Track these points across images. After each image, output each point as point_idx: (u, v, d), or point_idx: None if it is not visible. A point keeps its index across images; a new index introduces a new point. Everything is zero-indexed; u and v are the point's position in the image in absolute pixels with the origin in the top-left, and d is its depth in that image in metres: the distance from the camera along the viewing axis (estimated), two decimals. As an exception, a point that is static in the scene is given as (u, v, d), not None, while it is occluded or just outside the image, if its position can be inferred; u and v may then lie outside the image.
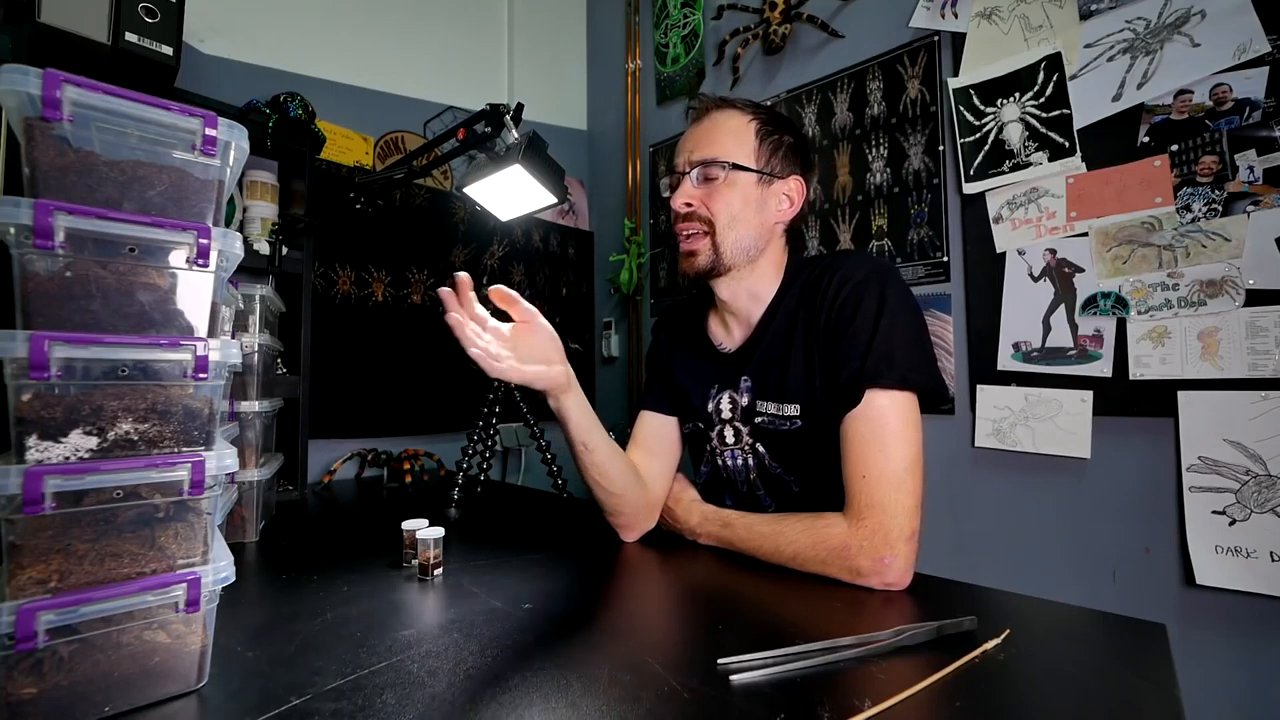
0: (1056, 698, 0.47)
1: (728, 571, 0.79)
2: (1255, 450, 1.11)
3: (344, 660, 0.53)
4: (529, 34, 2.36)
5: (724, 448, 0.93)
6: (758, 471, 0.89)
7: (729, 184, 0.85)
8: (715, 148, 0.86)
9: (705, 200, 0.86)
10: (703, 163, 0.86)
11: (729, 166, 0.85)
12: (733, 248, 0.86)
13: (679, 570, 0.81)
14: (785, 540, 0.76)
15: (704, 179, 0.86)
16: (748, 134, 0.87)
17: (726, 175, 0.85)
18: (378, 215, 1.78)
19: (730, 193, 0.85)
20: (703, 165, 0.86)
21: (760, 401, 0.87)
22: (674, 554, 0.87)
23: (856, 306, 0.78)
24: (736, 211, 0.86)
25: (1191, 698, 0.81)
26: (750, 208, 0.86)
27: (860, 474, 0.73)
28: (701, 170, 0.86)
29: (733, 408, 0.91)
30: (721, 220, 0.85)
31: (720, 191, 0.86)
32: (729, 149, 0.86)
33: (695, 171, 0.87)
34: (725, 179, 0.85)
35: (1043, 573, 1.35)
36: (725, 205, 0.85)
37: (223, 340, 0.51)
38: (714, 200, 0.86)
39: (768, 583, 0.74)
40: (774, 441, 0.86)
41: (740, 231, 0.86)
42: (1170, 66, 1.21)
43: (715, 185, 0.86)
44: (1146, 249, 1.24)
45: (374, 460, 1.69)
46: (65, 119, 0.45)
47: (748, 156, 0.86)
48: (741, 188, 0.86)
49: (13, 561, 0.42)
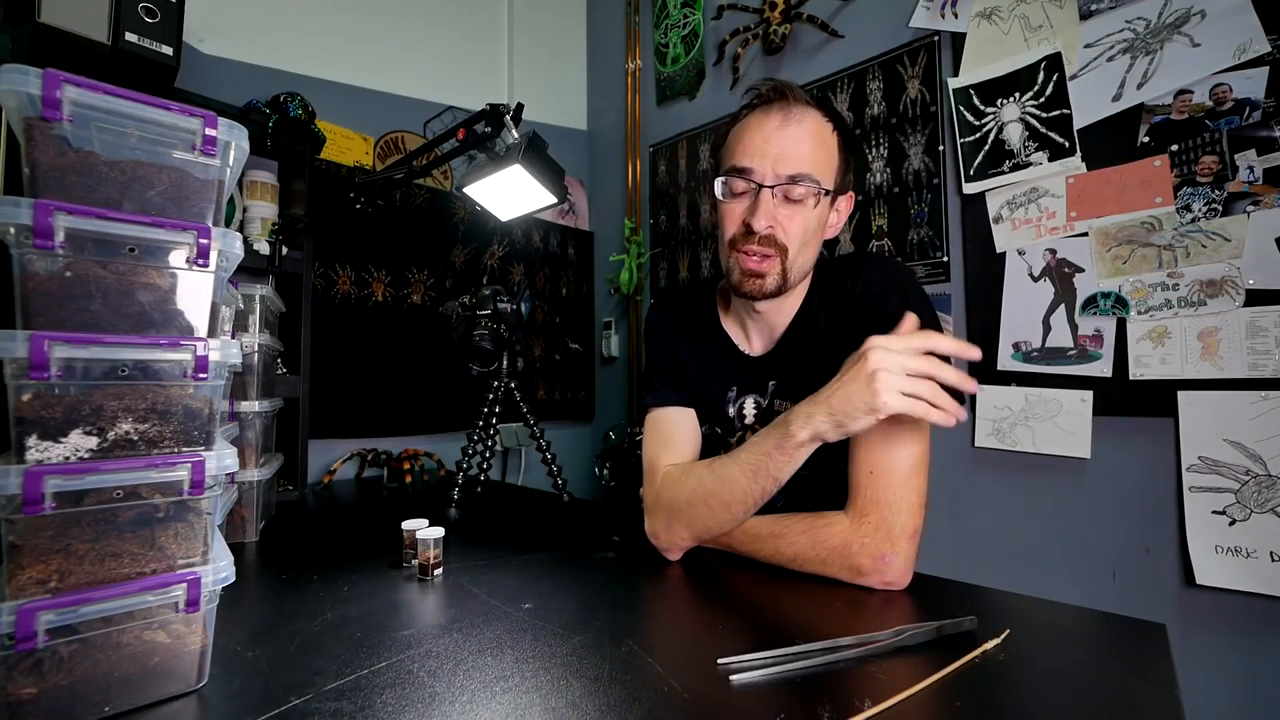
0: (1056, 698, 0.47)
1: (728, 571, 0.79)
2: (1255, 450, 1.11)
3: (344, 660, 0.53)
4: (529, 34, 2.36)
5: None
6: None
7: (811, 206, 0.77)
8: (809, 164, 0.76)
9: (785, 222, 0.77)
10: (794, 179, 0.75)
11: (822, 194, 0.77)
12: (799, 271, 0.80)
13: (679, 570, 0.81)
14: (785, 543, 0.76)
15: (789, 199, 0.77)
16: (833, 150, 0.79)
17: (818, 201, 0.77)
18: (378, 215, 1.78)
19: (810, 216, 0.78)
20: (794, 184, 0.76)
21: (779, 401, 0.86)
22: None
23: (880, 309, 0.78)
24: (811, 235, 0.79)
25: (1191, 698, 0.81)
26: (819, 229, 0.80)
27: (867, 470, 0.73)
28: (788, 189, 0.76)
29: (757, 411, 0.89)
30: (797, 245, 0.78)
31: (804, 214, 0.77)
32: (822, 168, 0.77)
33: (779, 188, 0.76)
34: (812, 201, 0.77)
35: (1043, 573, 1.35)
36: (803, 229, 0.78)
37: (223, 340, 0.50)
38: (794, 223, 0.77)
39: (768, 583, 0.74)
40: None
41: (808, 254, 0.81)
42: (1170, 66, 1.21)
43: (800, 205, 0.77)
44: (1146, 249, 1.24)
45: (374, 460, 1.69)
46: (65, 119, 0.45)
47: (832, 175, 0.78)
48: (819, 210, 0.78)
49: (13, 561, 0.42)
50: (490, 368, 1.31)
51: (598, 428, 2.43)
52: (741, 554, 0.81)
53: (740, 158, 0.78)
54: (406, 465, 1.59)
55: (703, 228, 2.11)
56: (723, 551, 0.84)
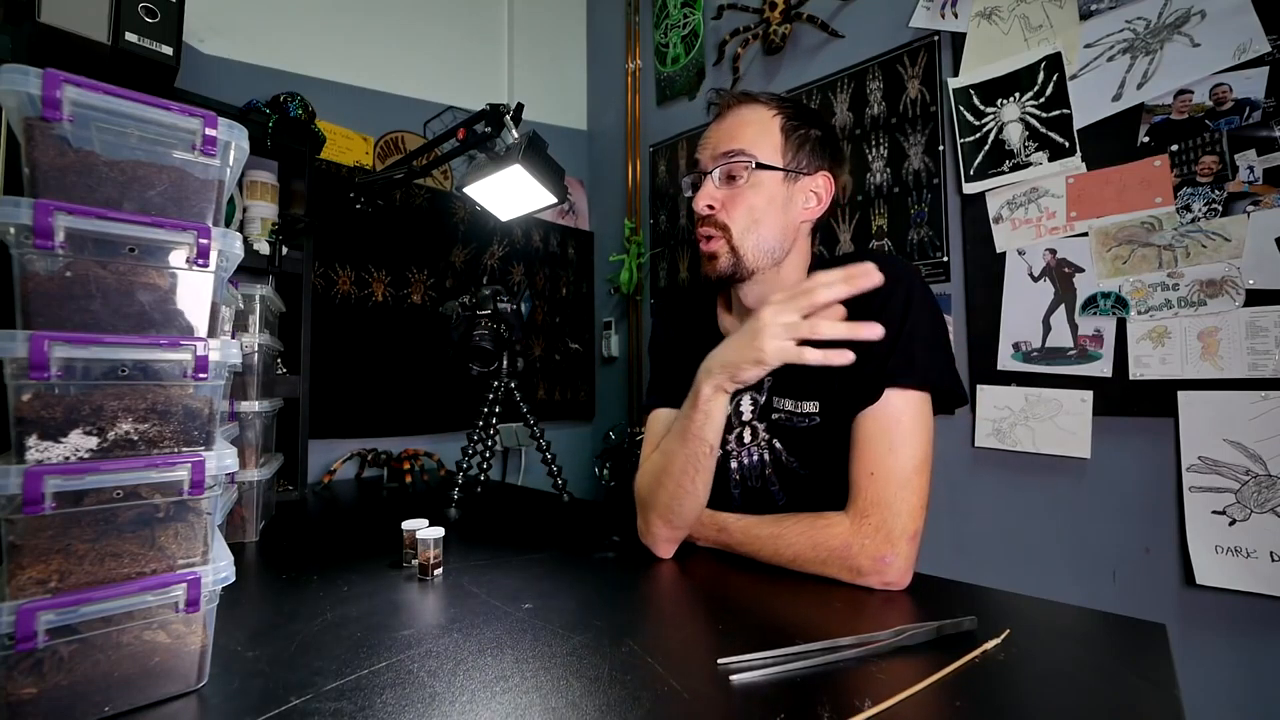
0: (1056, 698, 0.47)
1: (728, 571, 0.79)
2: (1255, 450, 1.11)
3: (344, 660, 0.53)
4: (529, 34, 2.36)
5: (740, 449, 0.90)
6: (772, 466, 0.89)
7: (753, 184, 0.82)
8: (738, 142, 0.82)
9: (727, 202, 0.83)
10: (726, 158, 0.82)
11: (753, 165, 0.81)
12: (754, 250, 0.83)
13: (679, 570, 0.81)
14: (784, 543, 0.76)
15: (727, 178, 0.83)
16: (772, 129, 0.83)
17: (750, 175, 0.81)
18: (378, 215, 1.78)
19: (754, 193, 0.82)
20: (726, 163, 0.82)
21: (777, 398, 0.86)
22: (674, 554, 0.87)
23: (882, 307, 0.77)
24: (760, 213, 0.82)
25: (1191, 698, 0.81)
26: (775, 207, 0.83)
27: (868, 470, 0.73)
28: (724, 169, 0.82)
29: (754, 407, 0.89)
30: (742, 223, 0.82)
31: (743, 192, 0.82)
32: (754, 144, 0.82)
33: (717, 170, 0.83)
34: (749, 179, 0.82)
35: (1043, 573, 1.35)
36: (748, 207, 0.82)
37: (223, 340, 0.50)
38: (737, 202, 0.82)
39: (768, 583, 0.74)
40: (790, 437, 0.85)
41: (763, 233, 0.83)
42: (1170, 66, 1.21)
43: (739, 185, 0.82)
44: (1146, 249, 1.24)
45: (374, 460, 1.69)
46: (65, 119, 0.45)
47: (773, 153, 0.82)
48: (766, 187, 0.82)
49: (13, 561, 0.42)
50: (490, 368, 1.31)
51: (598, 428, 2.43)
52: (742, 554, 0.81)
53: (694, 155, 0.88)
54: (406, 465, 1.59)
55: (703, 228, 2.11)
56: (723, 552, 0.84)
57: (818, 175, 0.85)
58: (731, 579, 0.76)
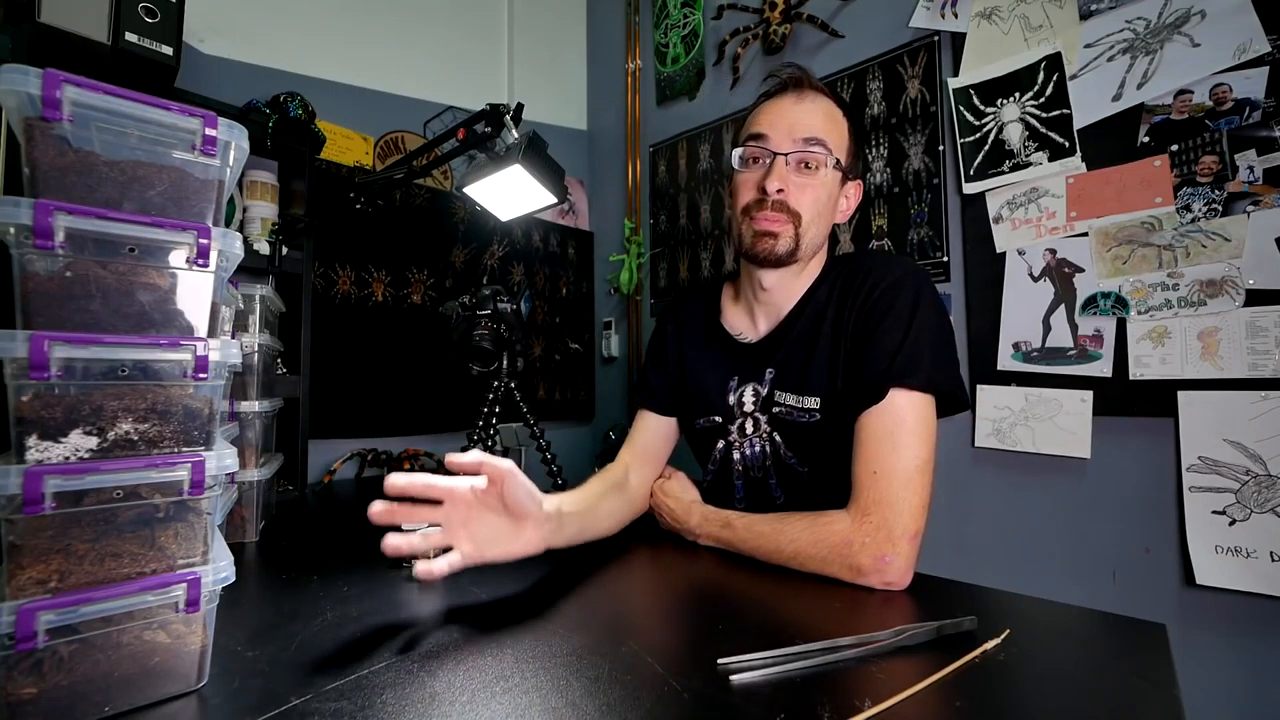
0: (1056, 698, 0.47)
1: (728, 571, 0.78)
2: (1255, 450, 1.11)
3: (344, 660, 0.53)
4: (529, 34, 2.36)
5: (742, 439, 0.91)
6: (772, 460, 0.89)
7: (824, 179, 0.82)
8: (821, 131, 0.81)
9: (797, 189, 0.81)
10: (807, 145, 0.80)
11: (833, 161, 0.81)
12: (811, 242, 0.83)
13: (679, 570, 0.81)
14: (785, 539, 0.76)
15: (802, 165, 0.81)
16: (844, 128, 0.84)
17: (828, 169, 0.81)
18: (378, 215, 1.78)
19: (823, 188, 0.82)
20: (805, 151, 0.80)
21: (779, 392, 0.86)
22: (674, 554, 0.87)
23: (890, 307, 0.78)
24: (822, 207, 0.83)
25: (1191, 698, 0.81)
26: (829, 205, 0.84)
27: (871, 470, 0.73)
28: (802, 155, 0.80)
29: (755, 399, 0.89)
30: (810, 213, 0.82)
31: (815, 184, 0.81)
32: (833, 139, 0.81)
33: (794, 155, 0.80)
34: (824, 173, 0.81)
35: (1043, 573, 1.35)
36: (814, 200, 0.82)
37: (223, 340, 0.50)
38: (805, 192, 0.81)
39: (768, 583, 0.74)
40: (790, 432, 0.86)
41: (820, 228, 0.83)
42: (1170, 66, 1.21)
43: (813, 175, 0.81)
44: (1146, 249, 1.24)
45: (374, 460, 1.69)
46: (65, 119, 0.45)
47: (842, 152, 0.83)
48: (830, 184, 0.83)
49: (13, 561, 0.42)
50: (490, 368, 1.31)
51: (598, 428, 2.43)
52: (743, 552, 0.81)
53: (756, 126, 0.83)
54: (406, 465, 1.60)
55: (702, 228, 2.11)
56: (723, 551, 0.84)
57: (858, 181, 0.88)
58: (731, 579, 0.76)
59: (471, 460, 0.65)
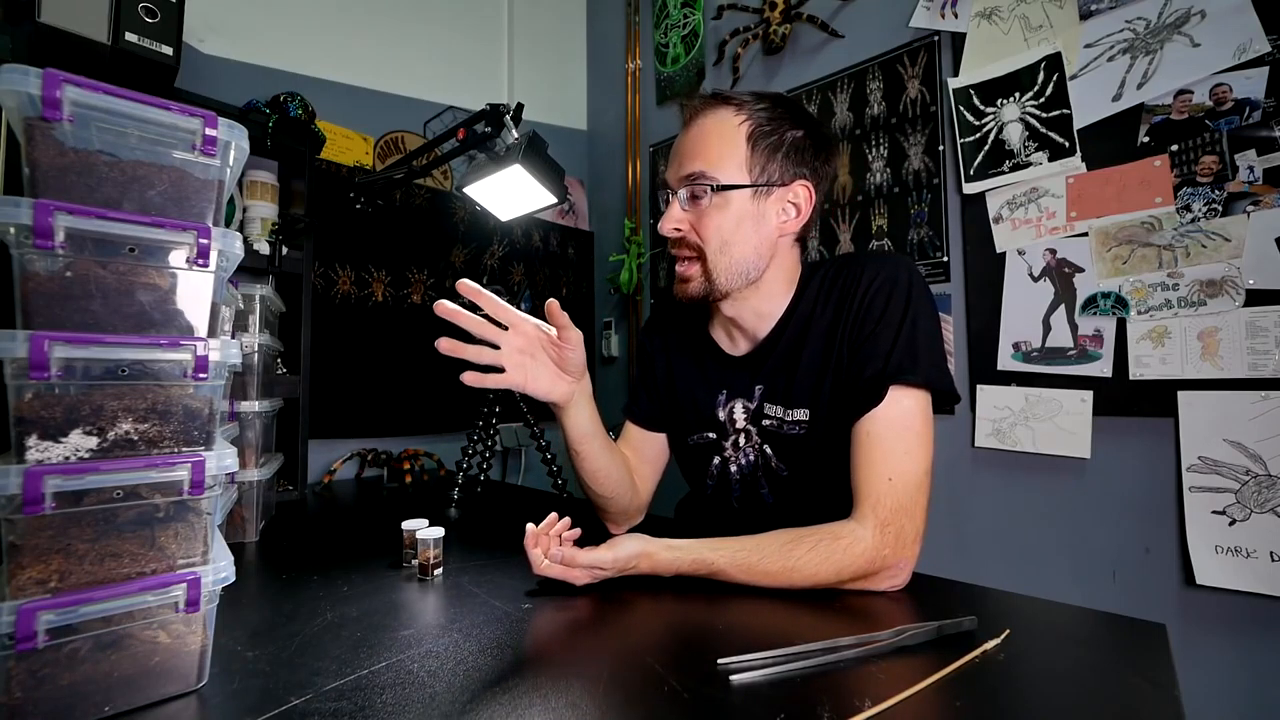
0: (1056, 698, 0.47)
1: (728, 571, 0.78)
2: (1255, 450, 1.11)
3: (344, 660, 0.53)
4: (529, 34, 2.36)
5: (735, 453, 0.89)
6: (763, 469, 0.89)
7: (717, 205, 0.77)
8: (700, 161, 0.77)
9: (695, 224, 0.79)
10: (688, 181, 0.77)
11: (714, 187, 0.76)
12: (727, 272, 0.79)
13: (679, 570, 0.81)
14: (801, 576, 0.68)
15: (691, 199, 0.78)
16: (737, 140, 0.77)
17: (712, 197, 0.77)
18: (378, 215, 1.78)
19: (720, 214, 0.77)
20: (688, 184, 0.78)
21: (768, 404, 0.85)
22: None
23: (885, 304, 0.76)
24: (729, 233, 0.77)
25: (1191, 698, 0.81)
26: (746, 225, 0.78)
27: (886, 476, 0.71)
28: (688, 189, 0.78)
29: (746, 413, 0.88)
30: (712, 246, 0.78)
31: (709, 214, 0.77)
32: (716, 162, 0.77)
33: (682, 191, 0.78)
34: (712, 200, 0.77)
35: (1043, 573, 1.35)
36: (715, 229, 0.77)
37: (223, 340, 0.50)
38: (702, 224, 0.78)
39: (768, 583, 0.74)
40: (779, 443, 0.85)
41: (736, 254, 0.78)
42: (1170, 66, 1.21)
43: (703, 207, 0.78)
44: (1146, 249, 1.24)
45: (374, 460, 1.69)
46: (65, 119, 0.45)
47: (737, 168, 0.77)
48: (734, 206, 0.77)
49: (13, 561, 0.42)
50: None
51: (598, 428, 2.43)
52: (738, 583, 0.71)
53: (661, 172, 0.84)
54: (406, 465, 1.59)
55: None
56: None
57: (794, 185, 0.79)
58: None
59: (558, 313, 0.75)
